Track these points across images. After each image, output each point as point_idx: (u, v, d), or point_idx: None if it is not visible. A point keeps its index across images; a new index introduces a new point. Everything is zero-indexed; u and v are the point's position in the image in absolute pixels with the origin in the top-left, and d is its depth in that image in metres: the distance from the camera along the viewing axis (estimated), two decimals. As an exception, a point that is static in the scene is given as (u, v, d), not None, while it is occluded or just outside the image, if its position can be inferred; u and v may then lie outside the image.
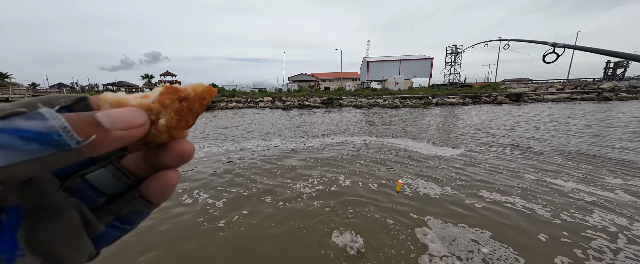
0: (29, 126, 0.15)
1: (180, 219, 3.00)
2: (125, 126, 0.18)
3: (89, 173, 0.22)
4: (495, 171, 4.45)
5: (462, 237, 2.54)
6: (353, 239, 2.50)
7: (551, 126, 9.07)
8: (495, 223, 2.80)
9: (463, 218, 2.89)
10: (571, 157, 5.23)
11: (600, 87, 26.12)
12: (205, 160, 5.54)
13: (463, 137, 7.65)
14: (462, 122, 11.05)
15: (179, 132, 0.22)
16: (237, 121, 12.91)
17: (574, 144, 6.31)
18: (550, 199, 3.33)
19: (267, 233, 2.67)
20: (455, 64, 44.50)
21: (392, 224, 2.78)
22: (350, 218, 2.94)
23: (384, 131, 9.06)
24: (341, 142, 7.17)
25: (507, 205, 3.18)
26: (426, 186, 3.81)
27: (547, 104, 19.81)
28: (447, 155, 5.58)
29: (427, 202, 3.31)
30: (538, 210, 3.03)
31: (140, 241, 2.53)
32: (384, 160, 5.23)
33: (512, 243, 2.43)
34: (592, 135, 7.38)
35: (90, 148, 0.16)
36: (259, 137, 8.27)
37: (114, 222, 0.23)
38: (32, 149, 0.14)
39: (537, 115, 12.82)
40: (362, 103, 22.59)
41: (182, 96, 0.21)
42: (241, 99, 24.42)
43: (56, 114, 0.16)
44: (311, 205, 3.26)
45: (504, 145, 6.42)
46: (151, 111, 0.21)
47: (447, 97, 24.39)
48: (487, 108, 17.96)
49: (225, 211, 3.17)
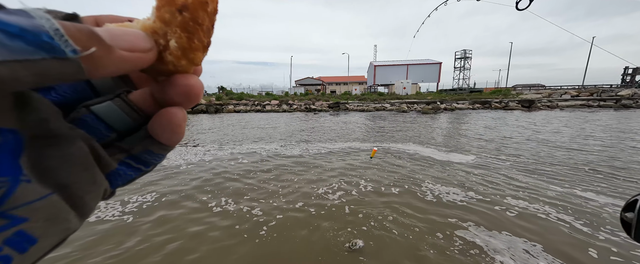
0: (11, 20, 0.12)
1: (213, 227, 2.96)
2: (129, 46, 0.16)
3: (95, 105, 0.19)
4: (512, 178, 4.26)
5: (514, 247, 2.52)
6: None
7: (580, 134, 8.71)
8: (536, 232, 2.74)
9: (504, 226, 2.89)
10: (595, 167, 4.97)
11: (618, 94, 25.10)
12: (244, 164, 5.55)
13: (476, 143, 7.42)
14: (473, 128, 10.76)
15: (196, 55, 0.20)
16: (245, 123, 13.00)
17: (594, 154, 6.00)
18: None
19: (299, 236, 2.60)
20: (465, 69, 43.84)
21: (436, 231, 2.66)
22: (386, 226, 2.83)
23: (399, 136, 8.91)
24: (351, 147, 7.07)
25: (542, 215, 3.10)
26: (449, 191, 3.74)
27: (562, 112, 19.14)
28: (464, 161, 5.45)
29: (462, 208, 3.29)
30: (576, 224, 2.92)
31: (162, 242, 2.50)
32: (401, 166, 5.10)
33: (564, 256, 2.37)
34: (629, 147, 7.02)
35: (91, 64, 0.14)
36: (266, 140, 8.26)
37: (127, 160, 0.21)
38: (17, 48, 0.12)
39: (561, 123, 12.37)
40: (368, 107, 22.44)
41: (179, 3, 0.18)
42: (248, 102, 24.68)
43: (45, 14, 0.13)
44: (340, 211, 3.17)
45: (520, 153, 6.18)
46: (156, 33, 0.19)
47: (456, 102, 23.94)
48: (499, 114, 17.50)
49: (265, 215, 3.12)
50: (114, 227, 2.90)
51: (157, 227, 2.89)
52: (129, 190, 3.84)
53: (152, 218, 3.10)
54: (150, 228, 2.88)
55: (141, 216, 3.15)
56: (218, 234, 2.77)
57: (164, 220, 3.05)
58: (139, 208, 3.37)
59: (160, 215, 3.17)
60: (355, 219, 3.01)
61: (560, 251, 2.45)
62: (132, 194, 3.75)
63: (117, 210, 3.29)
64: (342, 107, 22.77)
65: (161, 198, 3.67)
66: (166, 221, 3.02)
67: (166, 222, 3.01)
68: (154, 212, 3.25)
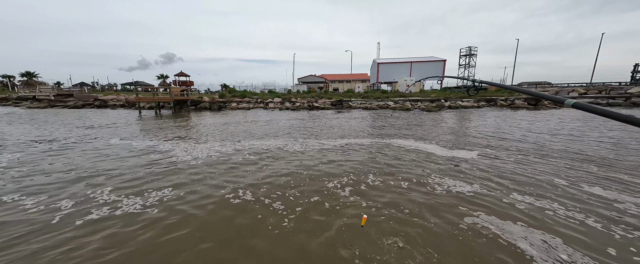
0: None
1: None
2: None
3: None
4: (520, 174, 4.21)
5: (531, 237, 2.54)
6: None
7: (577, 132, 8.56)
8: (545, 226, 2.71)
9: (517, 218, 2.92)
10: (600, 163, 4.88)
11: (628, 91, 24.56)
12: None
13: (480, 140, 7.33)
14: (475, 126, 10.63)
15: None
16: (249, 119, 13.03)
17: (601, 151, 5.89)
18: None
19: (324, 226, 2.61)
20: (470, 66, 43.26)
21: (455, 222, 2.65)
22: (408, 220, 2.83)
23: (403, 133, 8.85)
24: (352, 144, 7.04)
25: (549, 211, 3.07)
26: (456, 184, 3.67)
27: (570, 109, 18.79)
28: (468, 157, 5.40)
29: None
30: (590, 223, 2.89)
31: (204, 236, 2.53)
32: (404, 162, 5.07)
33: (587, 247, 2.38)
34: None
35: None
36: (271, 136, 8.27)
37: None
38: None
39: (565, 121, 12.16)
40: (372, 105, 22.31)
41: None
42: (251, 99, 24.72)
43: None
44: (357, 205, 3.17)
45: (527, 150, 6.09)
46: None
47: (461, 100, 23.67)
48: (504, 113, 17.26)
49: (288, 210, 3.14)
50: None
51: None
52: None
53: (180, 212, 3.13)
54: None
55: (162, 210, 3.19)
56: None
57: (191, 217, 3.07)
58: (159, 201, 3.41)
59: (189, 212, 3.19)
60: (366, 211, 3.01)
61: (581, 243, 2.46)
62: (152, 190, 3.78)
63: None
64: (345, 105, 22.67)
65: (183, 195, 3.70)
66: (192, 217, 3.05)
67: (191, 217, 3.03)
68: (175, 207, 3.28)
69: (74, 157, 5.77)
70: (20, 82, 46.37)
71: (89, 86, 52.11)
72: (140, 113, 17.99)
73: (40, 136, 8.47)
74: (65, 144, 7.14)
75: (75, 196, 3.62)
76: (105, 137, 8.22)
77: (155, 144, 7.16)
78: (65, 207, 3.28)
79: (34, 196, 3.59)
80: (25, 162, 5.29)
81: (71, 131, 9.61)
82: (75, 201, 3.44)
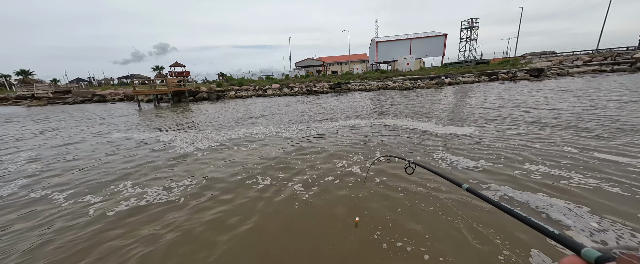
0: None
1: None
2: None
3: None
4: (525, 146, 4.35)
5: (557, 205, 2.56)
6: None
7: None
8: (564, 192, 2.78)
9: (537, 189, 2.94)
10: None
11: (634, 56, 23.81)
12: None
13: (478, 115, 7.40)
14: (474, 101, 10.61)
15: None
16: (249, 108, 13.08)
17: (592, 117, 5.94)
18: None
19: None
20: (471, 39, 41.83)
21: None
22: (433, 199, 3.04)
23: (401, 112, 8.92)
24: (355, 125, 7.17)
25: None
26: (459, 160, 3.85)
27: (572, 78, 18.47)
28: (467, 133, 5.56)
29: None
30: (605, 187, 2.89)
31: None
32: (407, 139, 5.23)
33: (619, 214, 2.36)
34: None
35: None
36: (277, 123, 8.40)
37: None
38: None
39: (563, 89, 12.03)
40: (371, 86, 22.06)
41: None
42: (249, 87, 24.51)
43: None
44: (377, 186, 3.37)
45: (528, 122, 6.17)
46: None
47: (461, 76, 23.26)
48: (505, 86, 17.03)
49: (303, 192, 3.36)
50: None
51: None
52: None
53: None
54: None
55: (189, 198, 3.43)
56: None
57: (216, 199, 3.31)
58: (184, 191, 3.64)
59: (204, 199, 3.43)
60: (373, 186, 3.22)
61: (610, 210, 2.44)
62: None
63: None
64: (343, 88, 22.45)
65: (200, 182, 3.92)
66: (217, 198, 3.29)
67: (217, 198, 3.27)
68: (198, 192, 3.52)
69: (88, 150, 6.03)
70: (18, 81, 46.12)
71: (86, 82, 51.66)
72: (139, 106, 18.07)
73: (56, 137, 8.67)
74: (83, 138, 7.36)
75: (105, 189, 3.88)
76: (120, 130, 8.42)
77: (173, 137, 7.35)
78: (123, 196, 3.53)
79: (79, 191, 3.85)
80: (41, 159, 5.53)
81: (79, 125, 9.83)
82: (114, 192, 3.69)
